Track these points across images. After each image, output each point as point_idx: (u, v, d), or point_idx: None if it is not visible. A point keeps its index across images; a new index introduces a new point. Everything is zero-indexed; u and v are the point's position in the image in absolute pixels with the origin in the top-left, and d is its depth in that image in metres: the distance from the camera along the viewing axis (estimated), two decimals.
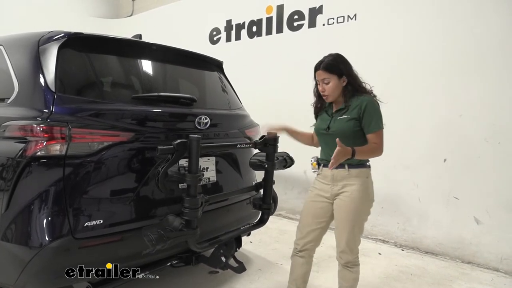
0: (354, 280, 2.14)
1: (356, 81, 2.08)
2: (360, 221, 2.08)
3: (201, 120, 2.29)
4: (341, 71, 2.04)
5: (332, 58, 2.07)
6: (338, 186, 2.07)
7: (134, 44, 2.38)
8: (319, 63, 2.08)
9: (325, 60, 2.06)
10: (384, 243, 3.84)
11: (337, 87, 2.05)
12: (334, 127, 2.07)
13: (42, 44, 1.96)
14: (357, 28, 4.03)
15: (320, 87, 2.08)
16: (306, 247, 2.22)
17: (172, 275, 2.80)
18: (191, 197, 1.90)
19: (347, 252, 2.08)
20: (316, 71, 2.11)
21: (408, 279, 2.99)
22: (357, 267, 2.14)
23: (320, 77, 2.07)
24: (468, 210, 3.39)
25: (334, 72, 2.03)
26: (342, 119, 2.04)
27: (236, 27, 5.19)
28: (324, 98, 2.12)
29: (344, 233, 2.06)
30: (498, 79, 3.20)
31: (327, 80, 2.04)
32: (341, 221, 2.07)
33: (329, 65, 2.04)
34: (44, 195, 1.73)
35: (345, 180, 2.05)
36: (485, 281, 3.00)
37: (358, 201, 2.02)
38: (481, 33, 3.27)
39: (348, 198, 2.03)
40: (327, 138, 2.13)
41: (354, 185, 2.03)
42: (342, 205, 2.05)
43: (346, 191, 2.04)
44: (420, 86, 3.62)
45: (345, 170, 2.04)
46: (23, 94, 1.92)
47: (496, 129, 3.23)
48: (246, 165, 2.58)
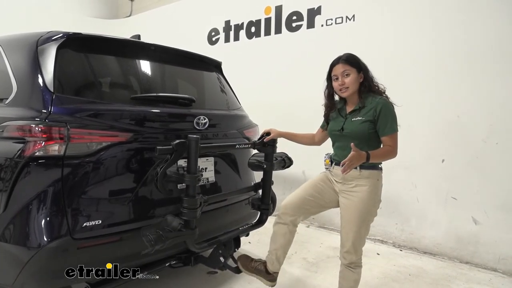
0: (355, 281, 2.14)
1: (372, 80, 2.10)
2: (367, 222, 2.08)
3: (200, 121, 2.29)
4: (360, 66, 2.08)
5: (351, 54, 2.11)
6: (348, 184, 2.08)
7: (133, 44, 2.37)
8: (337, 58, 2.10)
9: (344, 55, 2.09)
10: (382, 244, 3.84)
11: (356, 81, 2.06)
12: (348, 129, 2.08)
13: (40, 44, 1.96)
14: (356, 29, 4.04)
15: (340, 81, 2.07)
16: (293, 213, 2.22)
17: (171, 276, 2.80)
18: (190, 198, 1.90)
19: (352, 253, 2.08)
20: (334, 66, 2.11)
21: (406, 279, 3.00)
22: (359, 269, 2.14)
23: (340, 70, 2.07)
24: (466, 211, 3.40)
25: (354, 66, 2.06)
26: (357, 121, 2.05)
27: (235, 27, 5.19)
28: (342, 92, 2.09)
29: (350, 233, 2.06)
30: (495, 80, 3.21)
31: (347, 72, 2.05)
32: (348, 221, 2.07)
33: (350, 58, 2.08)
34: (43, 196, 1.72)
35: (356, 181, 2.05)
36: (483, 281, 3.01)
37: (367, 202, 2.03)
38: (479, 34, 3.28)
39: (357, 198, 2.04)
40: (341, 139, 2.13)
41: (365, 186, 2.03)
42: (351, 205, 2.06)
43: (356, 191, 2.05)
44: (419, 87, 3.62)
45: (356, 170, 2.03)
46: (21, 94, 1.92)
47: (494, 130, 3.24)
48: (244, 166, 2.59)
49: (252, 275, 2.36)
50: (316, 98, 2.34)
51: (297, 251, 3.43)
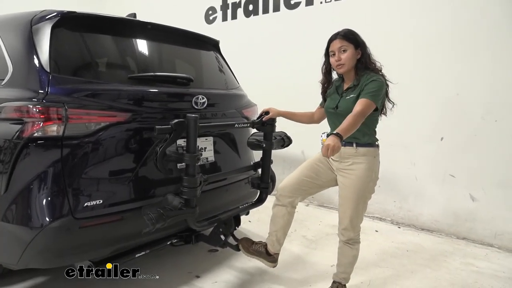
0: (354, 257, 2.19)
1: (369, 57, 2.08)
2: (364, 199, 2.10)
3: (198, 100, 2.27)
4: (358, 42, 2.04)
5: (349, 29, 2.07)
6: (345, 162, 2.08)
7: (129, 23, 2.33)
8: (335, 34, 2.07)
9: (343, 31, 2.06)
10: (381, 221, 3.90)
11: (353, 57, 2.04)
12: (342, 107, 2.07)
13: (34, 24, 1.93)
14: (355, 6, 3.96)
15: (336, 56, 2.04)
16: (291, 195, 2.24)
17: (172, 254, 2.85)
18: (189, 177, 1.91)
19: (350, 229, 2.11)
20: (331, 42, 2.08)
21: (404, 255, 3.05)
22: (358, 245, 2.18)
23: (337, 46, 2.04)
24: (464, 188, 3.43)
25: (351, 42, 2.03)
26: (350, 99, 2.03)
27: (232, 5, 5.10)
28: (339, 68, 2.07)
29: (348, 210, 2.08)
30: (494, 57, 3.18)
31: (344, 48, 2.02)
32: (346, 198, 2.09)
33: (348, 33, 2.04)
34: (43, 176, 1.73)
35: (353, 158, 2.05)
36: (479, 256, 3.07)
37: (365, 179, 2.04)
38: (478, 12, 3.23)
39: (355, 176, 2.04)
40: (335, 117, 2.13)
41: (362, 163, 2.04)
42: (348, 183, 2.07)
43: (353, 169, 2.05)
44: (418, 65, 3.59)
45: (353, 148, 2.04)
46: (17, 75, 1.90)
47: (493, 108, 3.23)
48: (244, 145, 2.59)
49: (254, 258, 2.40)
50: (315, 76, 2.32)
51: (296, 229, 3.48)
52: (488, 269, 2.84)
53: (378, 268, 2.79)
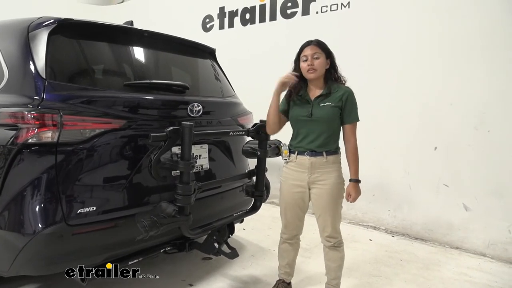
0: (341, 259, 2.25)
1: (336, 69, 2.18)
2: (340, 203, 2.19)
3: (194, 108, 2.28)
4: (329, 52, 2.15)
5: (321, 40, 2.17)
6: (316, 173, 2.12)
7: (126, 30, 2.35)
8: (309, 41, 2.16)
9: (315, 39, 2.16)
10: (375, 230, 3.90)
11: (323, 66, 2.12)
12: (318, 114, 2.10)
13: (31, 30, 1.94)
14: (351, 16, 4.02)
15: (309, 61, 2.09)
16: (294, 234, 2.32)
17: (166, 261, 2.83)
18: (184, 184, 1.91)
19: (334, 234, 2.18)
20: (305, 47, 2.14)
21: (397, 264, 3.06)
22: (343, 245, 2.25)
23: (311, 51, 2.10)
24: (457, 197, 3.45)
25: (324, 50, 2.12)
26: (327, 106, 2.09)
27: (229, 14, 5.14)
28: (310, 72, 2.09)
29: (329, 218, 2.14)
30: (488, 68, 3.23)
31: (317, 55, 2.09)
32: (324, 208, 2.14)
33: (321, 42, 2.15)
34: (37, 182, 1.73)
35: (323, 167, 2.11)
36: (472, 266, 3.07)
37: (337, 186, 2.13)
38: (472, 22, 3.28)
39: (329, 185, 2.11)
40: (309, 125, 2.14)
41: (332, 172, 2.12)
42: (324, 193, 2.12)
43: (325, 178, 2.11)
44: (412, 74, 3.63)
45: (323, 157, 2.11)
46: (13, 81, 1.90)
47: (486, 118, 3.27)
48: (238, 153, 2.59)
49: None
50: None
51: None
52: (481, 278, 2.85)
53: (371, 277, 2.79)
